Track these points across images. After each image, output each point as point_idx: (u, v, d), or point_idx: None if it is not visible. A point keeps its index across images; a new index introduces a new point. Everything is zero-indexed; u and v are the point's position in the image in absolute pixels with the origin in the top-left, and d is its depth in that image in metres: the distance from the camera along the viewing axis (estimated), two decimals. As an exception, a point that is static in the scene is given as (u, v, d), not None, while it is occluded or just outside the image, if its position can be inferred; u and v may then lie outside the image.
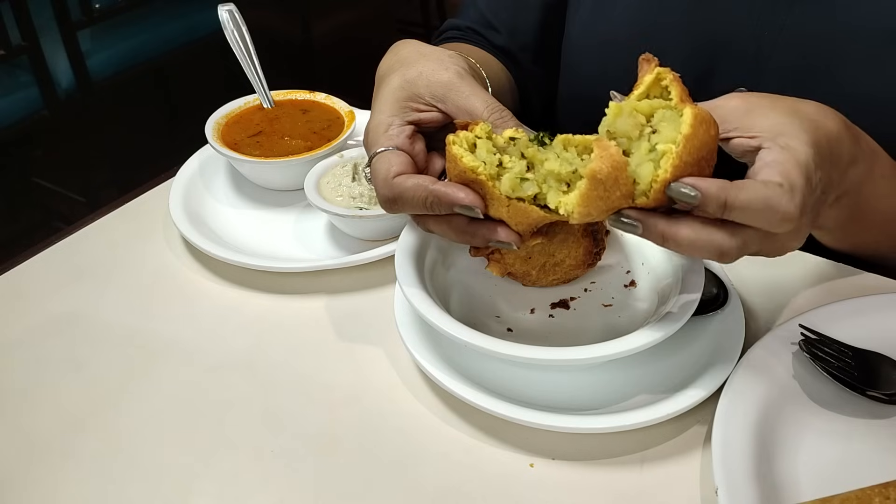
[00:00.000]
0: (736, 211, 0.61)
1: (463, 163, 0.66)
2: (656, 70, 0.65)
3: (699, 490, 0.66)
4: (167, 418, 0.76)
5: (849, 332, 0.74)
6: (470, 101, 0.73)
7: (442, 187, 0.68)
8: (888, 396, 0.69)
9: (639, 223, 0.63)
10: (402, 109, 0.75)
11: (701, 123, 0.62)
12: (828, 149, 0.66)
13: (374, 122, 0.75)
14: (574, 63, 1.04)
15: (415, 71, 0.76)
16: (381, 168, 0.72)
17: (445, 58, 0.77)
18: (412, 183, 0.69)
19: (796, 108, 0.68)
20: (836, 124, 0.69)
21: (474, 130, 0.70)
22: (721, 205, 0.60)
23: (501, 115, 0.72)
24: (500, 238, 0.69)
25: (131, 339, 0.84)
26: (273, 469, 0.70)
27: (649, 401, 0.70)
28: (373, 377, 0.78)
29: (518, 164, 0.67)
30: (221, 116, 1.06)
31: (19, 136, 2.53)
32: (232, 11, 1.10)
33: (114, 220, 1.02)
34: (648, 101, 0.65)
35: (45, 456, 0.73)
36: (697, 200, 0.60)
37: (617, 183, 0.62)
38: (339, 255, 0.92)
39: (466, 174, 0.67)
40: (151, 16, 2.72)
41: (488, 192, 0.67)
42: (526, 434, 0.71)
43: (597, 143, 0.62)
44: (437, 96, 0.75)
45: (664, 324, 0.69)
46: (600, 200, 0.62)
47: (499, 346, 0.68)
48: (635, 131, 0.64)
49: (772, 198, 0.61)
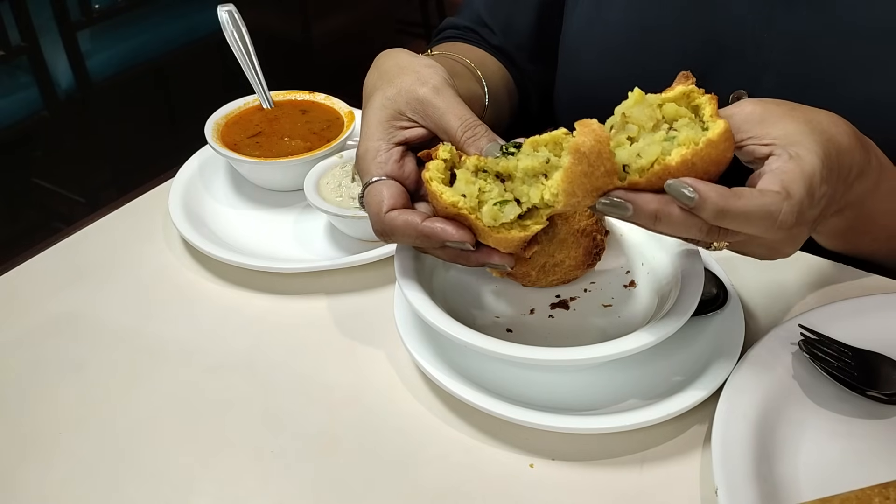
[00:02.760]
0: (729, 219, 0.61)
1: (444, 199, 0.67)
2: (691, 86, 0.65)
3: (699, 490, 0.66)
4: (167, 418, 0.76)
5: (848, 332, 0.74)
6: (445, 118, 0.73)
7: (430, 225, 0.68)
8: (888, 396, 0.69)
9: (630, 204, 0.62)
10: (387, 132, 0.75)
11: (727, 140, 0.61)
12: (837, 163, 0.66)
13: (363, 148, 0.75)
14: (572, 62, 1.04)
15: (394, 88, 0.75)
16: (373, 202, 0.72)
17: (424, 70, 0.76)
18: (402, 221, 0.70)
19: (810, 118, 0.67)
20: (849, 137, 0.68)
21: (437, 155, 0.70)
22: (718, 211, 0.60)
23: (475, 131, 0.72)
24: (495, 262, 0.70)
25: (131, 340, 0.84)
26: (273, 469, 0.70)
27: (649, 401, 0.70)
28: (373, 377, 0.78)
29: (495, 187, 0.68)
30: (221, 117, 1.06)
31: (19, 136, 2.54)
32: (231, 12, 1.10)
33: (113, 221, 1.02)
34: (675, 106, 0.65)
35: (44, 456, 0.73)
36: (694, 203, 0.60)
37: (601, 157, 0.61)
38: (339, 255, 0.92)
39: (449, 209, 0.67)
40: (151, 16, 2.72)
41: (473, 224, 0.67)
42: (526, 434, 0.71)
43: (579, 123, 0.62)
44: (417, 112, 0.75)
45: (664, 324, 0.69)
46: (584, 177, 0.62)
47: (499, 346, 0.68)
48: (649, 123, 0.64)
49: (769, 206, 0.61)
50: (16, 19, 2.31)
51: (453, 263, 0.76)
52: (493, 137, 0.72)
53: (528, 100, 1.13)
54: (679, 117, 0.64)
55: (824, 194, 0.65)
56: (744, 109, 0.67)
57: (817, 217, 0.66)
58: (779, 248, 0.66)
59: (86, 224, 1.01)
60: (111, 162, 2.81)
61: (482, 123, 0.72)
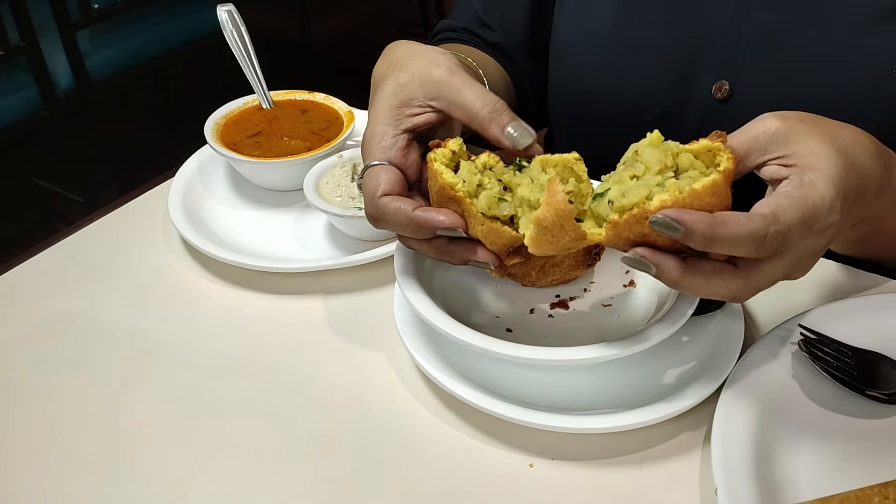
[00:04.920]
0: (717, 245, 0.60)
1: (443, 178, 0.68)
2: (718, 143, 0.65)
3: (699, 490, 0.66)
4: (167, 418, 0.75)
5: (848, 331, 0.74)
6: (462, 95, 0.73)
7: (421, 214, 0.69)
8: (887, 396, 0.69)
9: (653, 266, 0.63)
10: (395, 118, 0.75)
11: (713, 194, 0.61)
12: (856, 187, 0.65)
13: (369, 132, 0.75)
14: (561, 58, 1.05)
15: (407, 74, 0.75)
16: (369, 185, 0.72)
17: (437, 55, 0.76)
18: (394, 207, 0.70)
19: (836, 136, 0.66)
20: (871, 158, 0.67)
21: (447, 145, 0.71)
22: (707, 238, 0.60)
23: (495, 106, 0.72)
24: (478, 258, 0.70)
25: (130, 340, 0.84)
26: (273, 469, 0.70)
27: (649, 401, 0.70)
28: (372, 377, 0.78)
29: (496, 185, 0.69)
30: (220, 117, 1.06)
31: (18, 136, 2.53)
32: (231, 12, 1.10)
33: (113, 221, 1.01)
34: (691, 157, 0.65)
35: (44, 456, 0.73)
36: (681, 234, 0.60)
37: (563, 229, 0.63)
38: (339, 255, 0.92)
39: (446, 190, 0.68)
40: (150, 16, 2.72)
41: (466, 210, 0.68)
42: (525, 434, 0.71)
43: (548, 185, 0.63)
44: (430, 95, 0.74)
45: (664, 324, 0.69)
46: (550, 243, 0.64)
47: (498, 346, 0.68)
48: (657, 166, 0.65)
49: (754, 232, 0.60)
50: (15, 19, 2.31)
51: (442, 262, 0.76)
52: (514, 116, 0.72)
53: (527, 100, 1.13)
54: (692, 168, 0.64)
55: (833, 223, 0.64)
56: (766, 126, 0.66)
57: (825, 245, 0.65)
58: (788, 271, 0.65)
59: (85, 224, 1.01)
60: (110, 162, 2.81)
61: (502, 100, 0.72)
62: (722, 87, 0.92)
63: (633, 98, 0.98)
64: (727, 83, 0.92)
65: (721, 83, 0.92)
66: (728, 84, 0.92)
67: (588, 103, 1.03)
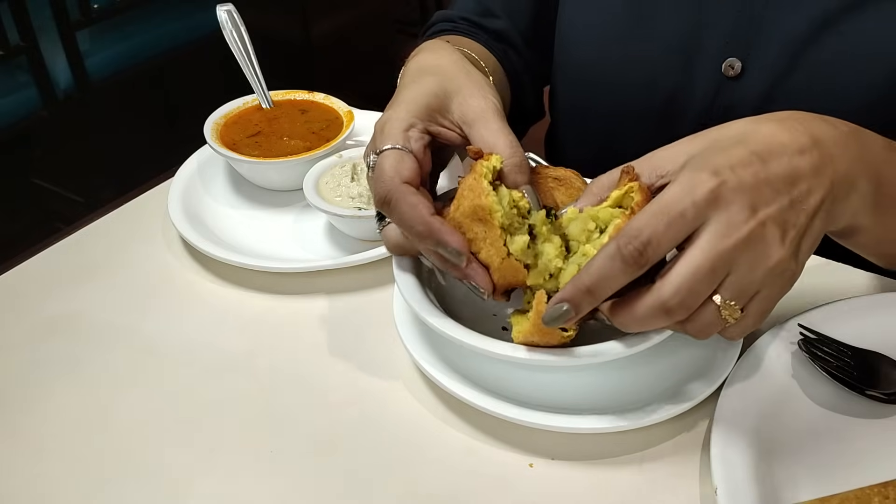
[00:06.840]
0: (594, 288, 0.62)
1: (486, 199, 0.65)
2: (629, 184, 0.65)
3: (699, 490, 0.66)
4: (166, 418, 0.75)
5: (848, 331, 0.74)
6: (497, 136, 0.71)
7: (437, 224, 0.66)
8: (887, 396, 0.69)
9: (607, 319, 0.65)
10: (429, 116, 0.73)
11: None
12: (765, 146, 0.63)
13: (397, 114, 0.71)
14: (567, 47, 1.04)
15: (455, 86, 0.74)
16: (389, 164, 0.68)
17: (486, 86, 0.75)
18: (413, 200, 0.66)
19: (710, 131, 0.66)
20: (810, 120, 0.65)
21: (490, 160, 0.68)
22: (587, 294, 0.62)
23: (521, 161, 0.70)
24: (477, 283, 0.67)
25: (130, 339, 0.84)
26: (273, 469, 0.70)
27: (649, 401, 0.70)
28: (372, 377, 0.78)
29: (525, 230, 0.67)
30: (220, 117, 1.06)
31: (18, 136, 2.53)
32: (230, 12, 1.10)
33: (113, 221, 1.02)
34: (609, 209, 0.66)
35: (43, 456, 0.73)
36: (570, 314, 0.62)
37: (552, 333, 0.66)
38: (338, 255, 0.92)
39: (479, 211, 0.65)
40: (150, 16, 2.72)
41: (488, 236, 0.66)
42: (525, 434, 0.71)
43: (537, 296, 0.65)
44: (465, 120, 0.73)
45: (664, 324, 0.69)
46: (540, 341, 0.67)
47: (497, 346, 0.68)
48: (583, 236, 0.67)
49: (605, 255, 0.61)
50: (15, 19, 2.31)
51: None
52: (531, 178, 0.70)
53: (524, 94, 1.13)
54: (613, 219, 0.65)
55: (683, 213, 0.60)
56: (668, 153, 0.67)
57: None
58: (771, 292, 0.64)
59: (85, 224, 1.01)
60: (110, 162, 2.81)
61: (526, 158, 0.71)
62: (734, 64, 0.92)
63: (643, 83, 0.98)
64: (739, 61, 0.92)
65: (732, 61, 0.92)
66: (741, 63, 0.92)
67: (597, 93, 1.02)
